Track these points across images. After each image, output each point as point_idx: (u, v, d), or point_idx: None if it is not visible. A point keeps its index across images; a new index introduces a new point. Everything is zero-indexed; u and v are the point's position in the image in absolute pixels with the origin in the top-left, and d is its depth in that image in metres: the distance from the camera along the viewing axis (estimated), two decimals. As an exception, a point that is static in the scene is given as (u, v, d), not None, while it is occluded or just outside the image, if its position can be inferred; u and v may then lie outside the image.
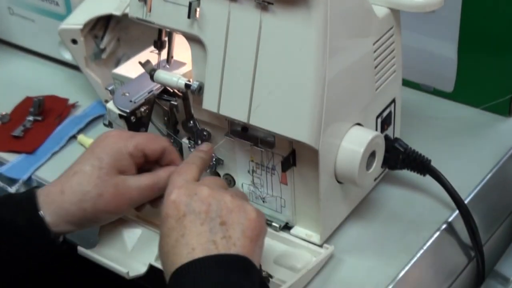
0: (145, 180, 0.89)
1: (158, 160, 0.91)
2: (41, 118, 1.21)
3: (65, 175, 0.89)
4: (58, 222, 0.87)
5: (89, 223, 0.89)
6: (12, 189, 1.09)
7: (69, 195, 0.87)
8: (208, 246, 0.76)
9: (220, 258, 0.75)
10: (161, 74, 0.93)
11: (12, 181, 1.10)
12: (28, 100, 1.25)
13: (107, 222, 0.91)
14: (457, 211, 0.96)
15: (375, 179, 1.00)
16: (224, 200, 0.79)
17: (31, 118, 1.20)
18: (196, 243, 0.76)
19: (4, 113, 1.22)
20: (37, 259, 0.88)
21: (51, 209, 0.86)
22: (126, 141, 0.89)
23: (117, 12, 1.12)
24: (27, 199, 0.87)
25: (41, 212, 0.86)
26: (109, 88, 1.02)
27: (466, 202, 0.96)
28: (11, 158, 1.14)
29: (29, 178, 1.10)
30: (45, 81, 1.31)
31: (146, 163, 0.91)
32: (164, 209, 0.80)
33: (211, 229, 0.77)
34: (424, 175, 0.97)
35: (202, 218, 0.78)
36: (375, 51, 0.90)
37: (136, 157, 0.89)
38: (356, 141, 0.88)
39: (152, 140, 0.90)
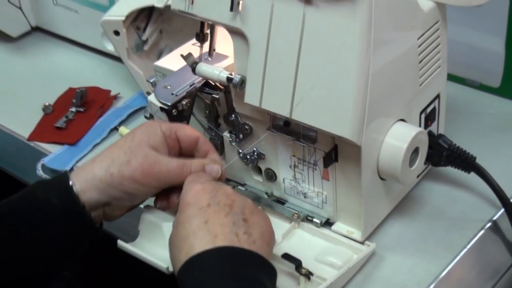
0: (175, 161, 0.88)
1: (193, 152, 0.92)
2: (83, 109, 1.21)
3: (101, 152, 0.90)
4: (85, 188, 0.86)
5: (115, 190, 0.86)
6: (54, 181, 1.10)
7: (99, 161, 0.87)
8: (231, 237, 0.78)
9: (243, 251, 0.78)
10: (203, 67, 0.92)
11: (54, 172, 1.11)
12: (71, 91, 1.25)
13: (134, 196, 0.88)
14: (502, 209, 0.94)
15: (418, 176, 0.98)
16: (246, 201, 0.83)
17: (73, 109, 1.21)
18: (219, 231, 0.78)
19: (47, 104, 1.22)
20: (72, 237, 0.87)
21: (80, 176, 0.86)
22: (160, 123, 0.90)
23: (159, 4, 1.12)
24: (60, 176, 0.88)
25: (71, 182, 0.86)
26: (151, 80, 1.02)
27: (512, 200, 0.95)
28: (54, 149, 1.15)
29: (71, 170, 1.11)
30: (88, 72, 1.32)
31: (180, 154, 0.91)
32: (184, 199, 0.83)
33: (234, 223, 0.80)
34: (469, 172, 0.96)
35: (226, 211, 0.80)
36: (420, 46, 0.89)
37: (169, 138, 0.89)
38: (399, 137, 0.87)
39: (187, 127, 0.91)
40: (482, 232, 0.93)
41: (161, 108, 0.94)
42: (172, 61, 1.02)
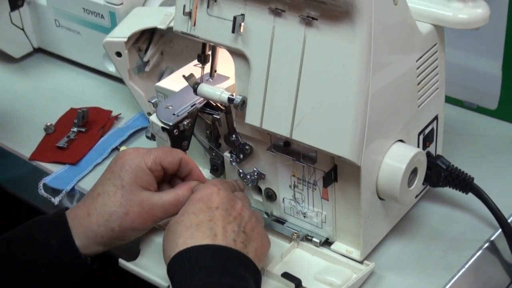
0: (167, 198, 0.90)
1: (177, 172, 0.93)
2: (84, 129, 1.22)
3: (90, 197, 0.90)
4: (87, 244, 0.88)
5: (118, 241, 0.91)
6: (55, 200, 1.10)
7: (95, 217, 0.88)
8: (229, 240, 0.83)
9: (236, 252, 0.82)
10: (204, 88, 0.93)
11: (55, 192, 1.11)
12: (72, 112, 1.26)
13: (134, 238, 0.92)
14: (499, 230, 0.95)
15: (417, 196, 0.99)
16: (251, 219, 0.87)
17: (75, 129, 1.22)
18: (220, 232, 0.83)
19: (49, 123, 1.23)
20: (68, 280, 0.89)
21: (80, 232, 0.88)
22: (143, 156, 0.90)
23: (162, 26, 1.13)
24: (60, 222, 0.89)
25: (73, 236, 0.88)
26: (152, 101, 1.03)
27: (509, 220, 0.95)
28: (55, 168, 1.15)
29: (73, 189, 1.11)
30: (89, 93, 1.33)
31: (165, 176, 0.93)
32: (198, 194, 0.86)
33: (235, 231, 0.84)
34: (467, 193, 0.97)
35: (231, 220, 0.85)
36: (418, 68, 0.90)
37: (156, 171, 0.91)
38: (398, 158, 0.88)
39: (169, 153, 0.92)
40: (479, 252, 0.93)
41: (163, 128, 0.95)
42: (174, 82, 1.04)
